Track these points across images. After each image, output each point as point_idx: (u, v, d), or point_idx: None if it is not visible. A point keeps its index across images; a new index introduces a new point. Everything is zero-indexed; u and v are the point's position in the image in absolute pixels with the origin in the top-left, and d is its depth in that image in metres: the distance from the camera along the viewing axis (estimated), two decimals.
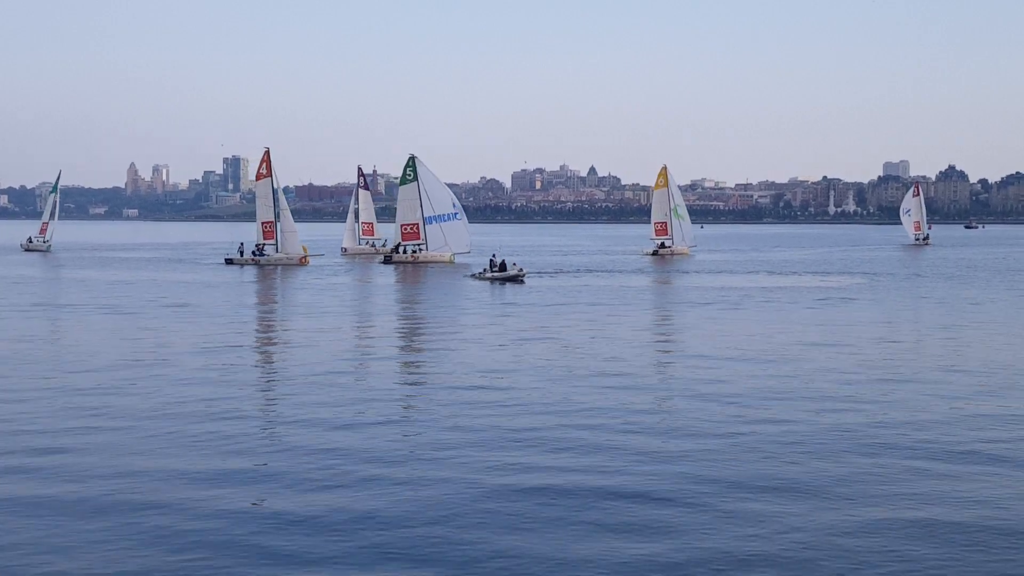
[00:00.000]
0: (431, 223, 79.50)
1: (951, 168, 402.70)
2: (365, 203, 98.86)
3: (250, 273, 68.16)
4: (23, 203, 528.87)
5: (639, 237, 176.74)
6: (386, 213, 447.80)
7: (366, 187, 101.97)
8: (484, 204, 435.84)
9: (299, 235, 79.17)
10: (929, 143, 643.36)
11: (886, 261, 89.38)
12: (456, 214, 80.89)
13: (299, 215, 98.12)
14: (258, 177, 79.63)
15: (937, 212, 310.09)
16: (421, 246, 79.70)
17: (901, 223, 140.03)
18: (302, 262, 75.67)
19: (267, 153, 78.95)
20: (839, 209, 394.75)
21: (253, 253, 78.14)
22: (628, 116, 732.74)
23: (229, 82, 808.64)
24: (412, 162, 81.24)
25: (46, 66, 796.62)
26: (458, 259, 78.72)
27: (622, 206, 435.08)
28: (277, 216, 77.61)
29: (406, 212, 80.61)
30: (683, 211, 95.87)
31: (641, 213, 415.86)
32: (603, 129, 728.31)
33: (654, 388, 23.11)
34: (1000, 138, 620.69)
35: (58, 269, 74.07)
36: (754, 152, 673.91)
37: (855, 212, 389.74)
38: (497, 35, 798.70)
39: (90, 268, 75.07)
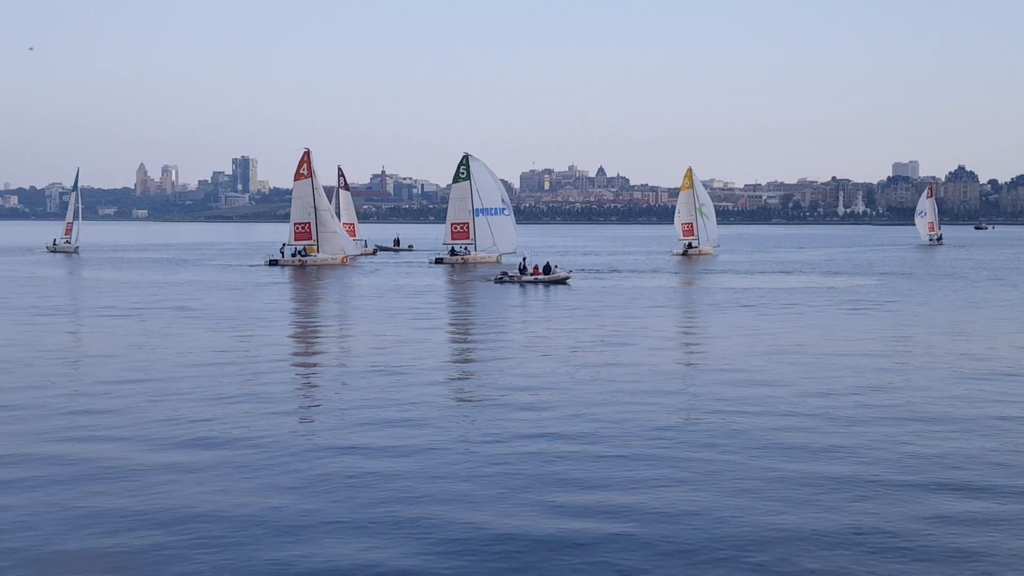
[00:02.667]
0: (479, 215, 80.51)
1: (961, 169, 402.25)
2: (346, 204, 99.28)
3: (297, 274, 67.72)
4: (33, 204, 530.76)
5: (649, 238, 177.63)
6: (395, 214, 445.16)
7: (346, 187, 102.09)
8: None
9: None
10: (939, 143, 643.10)
11: (911, 262, 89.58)
12: (504, 209, 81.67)
13: None
14: (297, 177, 79.02)
15: (947, 213, 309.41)
16: (469, 246, 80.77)
17: (911, 224, 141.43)
18: (343, 262, 76.45)
19: (307, 154, 78.65)
20: (848, 210, 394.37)
21: (294, 254, 77.88)
22: (637, 117, 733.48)
23: (237, 84, 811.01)
24: (466, 160, 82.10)
25: (55, 69, 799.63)
26: (504, 259, 79.21)
27: (631, 206, 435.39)
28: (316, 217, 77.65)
29: (457, 211, 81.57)
30: (708, 210, 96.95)
31: (650, 214, 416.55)
32: (612, 130, 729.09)
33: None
34: (1010, 139, 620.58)
35: (99, 271, 72.97)
36: (763, 153, 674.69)
37: (864, 213, 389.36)
38: (505, 37, 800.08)
39: (130, 271, 74.46)
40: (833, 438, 18.31)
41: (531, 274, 57.64)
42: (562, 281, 57.32)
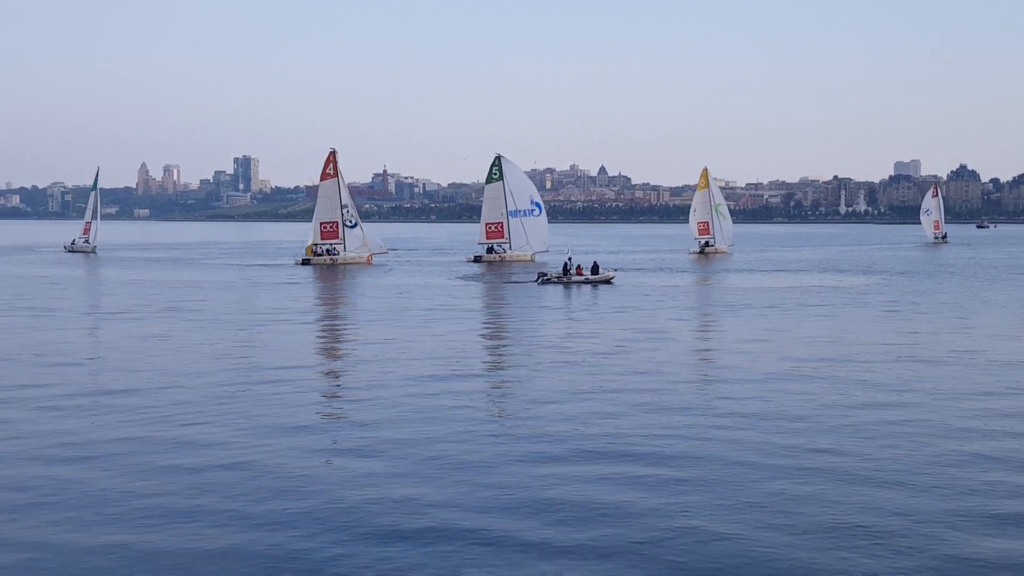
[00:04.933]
0: (514, 217, 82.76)
1: (963, 167, 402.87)
2: None
3: (329, 274, 67.91)
4: (35, 203, 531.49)
5: (655, 237, 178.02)
6: (397, 213, 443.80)
7: None
8: None
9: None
10: (941, 142, 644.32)
11: (923, 260, 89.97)
12: (533, 211, 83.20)
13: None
14: (323, 177, 79.67)
15: (949, 211, 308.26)
16: (505, 245, 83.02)
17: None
18: (368, 260, 77.54)
19: (333, 154, 79.23)
20: (850, 209, 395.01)
21: (327, 252, 78.31)
22: (638, 116, 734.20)
23: (238, 84, 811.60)
24: (498, 161, 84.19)
25: (56, 68, 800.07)
26: (537, 258, 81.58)
27: (632, 205, 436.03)
28: (342, 217, 78.34)
29: (491, 211, 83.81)
30: (724, 210, 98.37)
31: (651, 213, 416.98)
32: (613, 129, 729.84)
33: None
34: (1012, 137, 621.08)
35: (127, 272, 72.29)
36: (765, 151, 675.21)
37: (866, 212, 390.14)
38: (505, 37, 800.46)
39: (159, 271, 74.31)
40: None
41: (575, 274, 56.86)
42: (607, 281, 57.29)
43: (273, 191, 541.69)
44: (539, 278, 57.20)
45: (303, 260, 78.35)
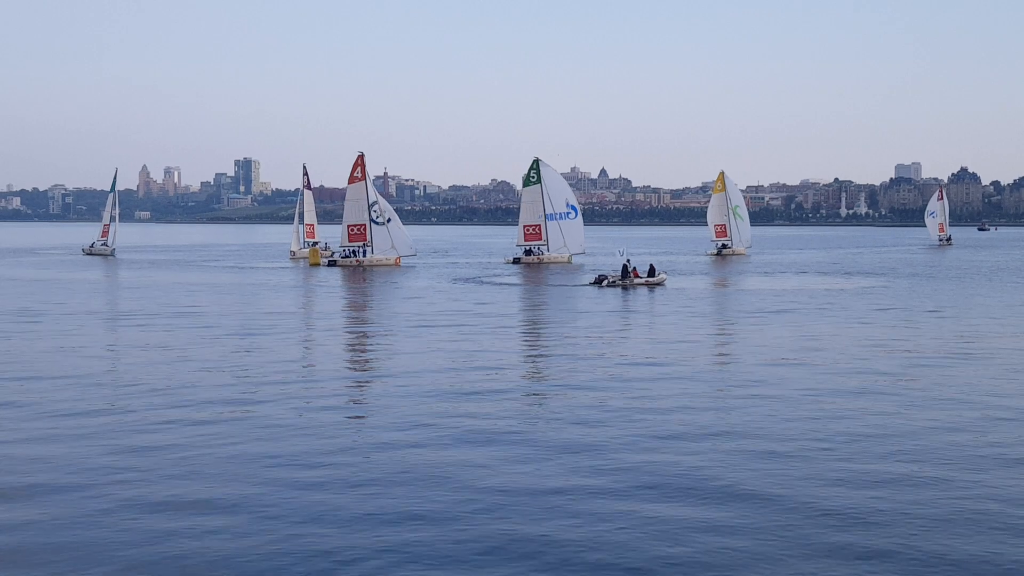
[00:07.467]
0: (551, 220, 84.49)
1: (963, 170, 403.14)
2: (309, 205, 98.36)
3: (360, 275, 67.93)
4: (35, 205, 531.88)
5: (656, 239, 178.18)
6: (398, 215, 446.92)
7: (309, 187, 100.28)
8: (495, 206, 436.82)
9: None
10: (941, 145, 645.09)
11: (934, 263, 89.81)
12: (568, 213, 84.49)
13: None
14: (351, 180, 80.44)
15: (950, 214, 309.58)
16: (543, 247, 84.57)
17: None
18: (396, 263, 78.12)
19: (361, 157, 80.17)
20: (851, 211, 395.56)
21: (352, 254, 78.98)
22: (639, 118, 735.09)
23: (240, 85, 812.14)
24: (536, 165, 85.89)
25: (57, 70, 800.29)
26: (575, 259, 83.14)
27: (633, 208, 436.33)
28: (371, 219, 79.14)
29: (529, 213, 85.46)
30: (743, 211, 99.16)
31: (652, 216, 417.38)
32: (614, 131, 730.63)
33: None
34: (1013, 140, 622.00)
35: (156, 274, 71.81)
36: (765, 153, 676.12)
37: (867, 214, 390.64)
38: (509, 39, 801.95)
39: (189, 272, 74.26)
40: None
41: (631, 276, 56.05)
42: (660, 283, 56.92)
43: (274, 193, 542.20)
44: (599, 281, 56.11)
45: (329, 262, 78.52)
